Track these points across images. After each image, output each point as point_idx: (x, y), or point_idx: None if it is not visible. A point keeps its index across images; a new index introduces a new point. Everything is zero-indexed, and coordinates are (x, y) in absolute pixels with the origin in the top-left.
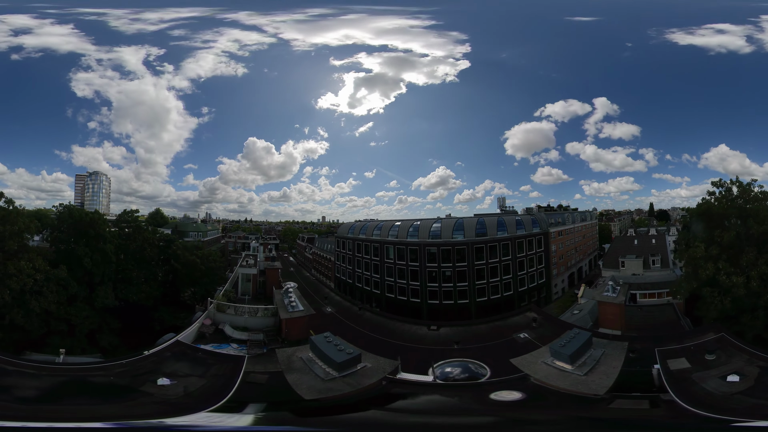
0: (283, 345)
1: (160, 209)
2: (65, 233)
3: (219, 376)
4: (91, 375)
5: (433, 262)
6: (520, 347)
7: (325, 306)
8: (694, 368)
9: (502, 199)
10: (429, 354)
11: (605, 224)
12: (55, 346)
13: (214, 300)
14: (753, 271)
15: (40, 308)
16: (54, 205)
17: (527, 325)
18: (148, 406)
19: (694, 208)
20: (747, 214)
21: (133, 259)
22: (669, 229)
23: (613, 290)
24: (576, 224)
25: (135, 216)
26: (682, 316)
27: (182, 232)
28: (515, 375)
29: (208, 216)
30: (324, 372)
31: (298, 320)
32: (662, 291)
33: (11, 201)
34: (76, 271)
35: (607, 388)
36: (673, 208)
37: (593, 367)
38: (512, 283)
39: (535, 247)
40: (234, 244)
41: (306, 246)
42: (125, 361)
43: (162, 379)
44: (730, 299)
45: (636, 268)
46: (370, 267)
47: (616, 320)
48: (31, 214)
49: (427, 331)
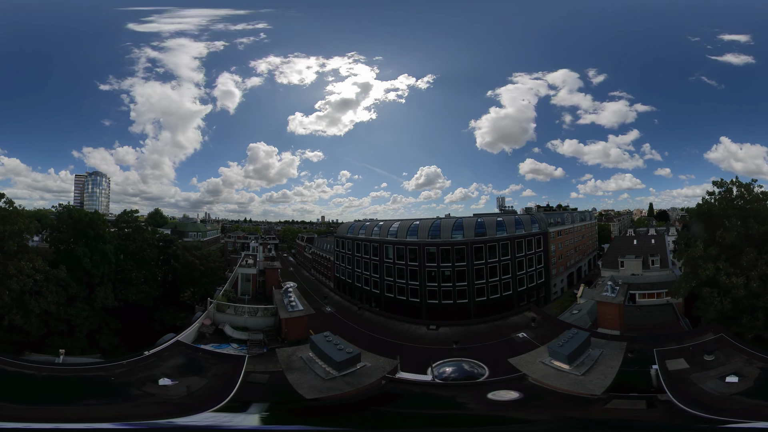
0: (283, 345)
1: (160, 209)
2: (65, 233)
3: (220, 376)
4: (91, 375)
5: (433, 262)
6: (518, 347)
7: (324, 306)
8: (693, 369)
9: (501, 199)
10: (428, 353)
11: (604, 224)
12: (54, 346)
13: (213, 300)
14: (753, 271)
15: (40, 309)
16: (54, 206)
17: (526, 325)
18: (151, 407)
19: (693, 208)
20: (747, 214)
21: (132, 260)
22: (668, 229)
23: (612, 290)
24: (575, 224)
25: (134, 216)
26: (681, 316)
27: (182, 233)
28: (513, 375)
29: (208, 216)
30: (324, 371)
31: (297, 320)
32: (661, 291)
33: (11, 201)
34: (76, 272)
35: (605, 388)
36: (672, 208)
37: (591, 367)
38: (511, 282)
39: (535, 246)
40: (233, 244)
41: (305, 246)
42: (125, 361)
43: (163, 379)
44: (730, 300)
45: (635, 268)
46: (370, 267)
47: (614, 320)
48: (30, 215)
49: (426, 330)
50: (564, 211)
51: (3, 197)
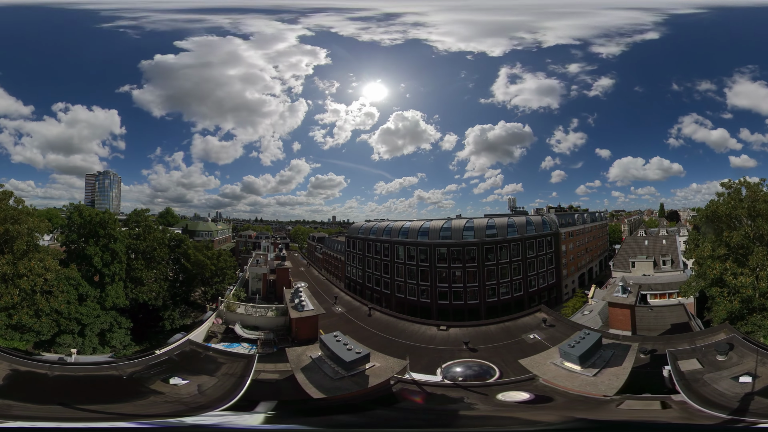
0: (293, 344)
1: (171, 208)
2: (75, 232)
3: (230, 375)
4: (102, 374)
5: (443, 263)
6: (529, 348)
7: (335, 305)
8: (706, 369)
9: (513, 200)
10: (438, 354)
11: (615, 225)
12: (66, 345)
13: (224, 299)
14: (762, 271)
15: (50, 308)
16: (64, 204)
17: (537, 326)
18: (162, 405)
19: (703, 208)
20: (756, 214)
21: (143, 259)
22: (679, 230)
23: (624, 291)
24: (586, 225)
25: (145, 215)
26: (692, 317)
27: (192, 232)
28: (524, 376)
29: (219, 215)
30: (333, 371)
31: (308, 319)
32: (673, 292)
33: (21, 200)
34: (87, 271)
35: (617, 389)
36: (684, 209)
37: (603, 368)
38: (522, 283)
39: (546, 247)
40: (244, 243)
41: (316, 245)
42: (136, 360)
43: (174, 378)
44: (739, 299)
45: (646, 268)
46: (381, 267)
47: (626, 321)
48: (41, 214)
49: (436, 331)
50: (575, 212)
51: (12, 196)
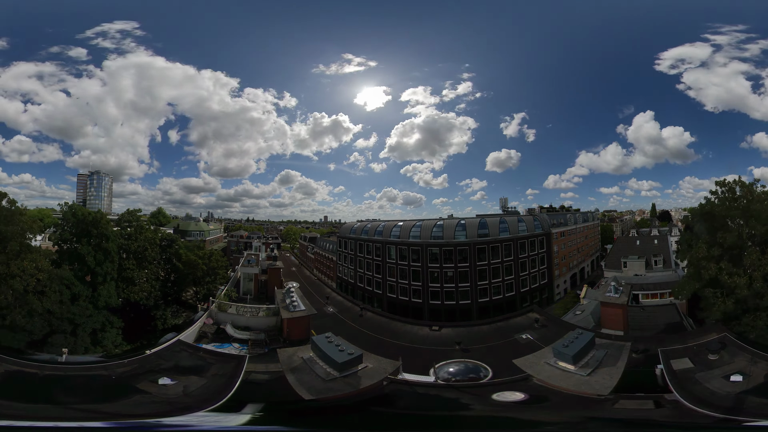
0: (284, 345)
1: (162, 208)
2: (68, 232)
3: (220, 375)
4: (92, 374)
5: (435, 263)
6: (522, 348)
7: (326, 306)
8: (698, 368)
9: (504, 200)
10: (430, 354)
11: (607, 225)
12: (58, 345)
13: (215, 299)
14: (756, 271)
15: (43, 308)
16: (59, 203)
17: (529, 326)
18: (148, 406)
19: (696, 208)
20: (750, 214)
21: (135, 259)
22: (671, 230)
23: (616, 291)
24: (578, 225)
25: (137, 215)
26: (684, 316)
27: (184, 232)
28: (518, 375)
29: (210, 215)
30: (325, 372)
31: (299, 320)
32: (664, 291)
33: (13, 201)
34: (79, 271)
35: (611, 388)
36: (675, 209)
37: (596, 368)
38: (514, 283)
39: (537, 247)
40: (236, 243)
41: (308, 246)
42: (127, 360)
43: (163, 378)
44: (733, 300)
45: (638, 268)
46: (372, 267)
47: (618, 321)
48: (33, 214)
49: (428, 331)
50: (567, 212)
51: (5, 197)
